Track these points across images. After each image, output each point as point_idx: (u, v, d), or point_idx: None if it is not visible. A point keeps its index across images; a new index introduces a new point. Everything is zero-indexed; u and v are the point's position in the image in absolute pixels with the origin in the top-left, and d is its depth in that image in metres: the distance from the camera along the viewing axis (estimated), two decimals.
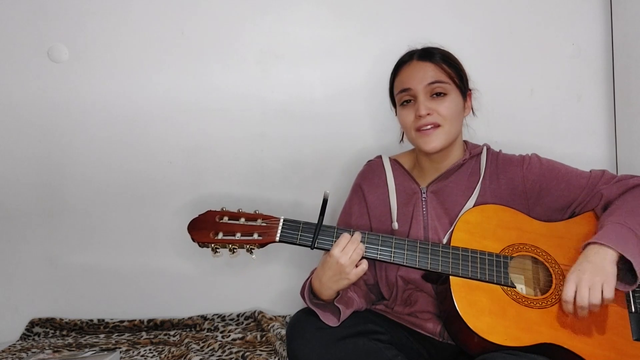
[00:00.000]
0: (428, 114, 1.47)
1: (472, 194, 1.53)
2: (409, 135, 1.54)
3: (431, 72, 1.49)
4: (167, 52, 2.03)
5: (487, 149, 1.61)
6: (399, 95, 1.54)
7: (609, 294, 1.28)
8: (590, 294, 1.28)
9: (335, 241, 1.38)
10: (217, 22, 2.04)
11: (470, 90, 1.58)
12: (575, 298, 1.30)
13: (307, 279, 1.51)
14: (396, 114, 1.61)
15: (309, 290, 1.45)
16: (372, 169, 1.66)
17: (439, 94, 1.48)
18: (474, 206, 1.51)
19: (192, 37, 2.04)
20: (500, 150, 1.61)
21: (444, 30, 2.05)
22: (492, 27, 2.07)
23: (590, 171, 1.54)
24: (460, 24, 2.07)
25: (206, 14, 2.04)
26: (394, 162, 1.65)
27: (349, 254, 1.35)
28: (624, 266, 1.34)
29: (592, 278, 1.29)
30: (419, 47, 1.58)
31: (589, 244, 1.36)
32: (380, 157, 1.68)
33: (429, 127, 1.48)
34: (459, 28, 2.06)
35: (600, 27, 2.08)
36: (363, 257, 1.38)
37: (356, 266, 1.36)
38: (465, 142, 1.63)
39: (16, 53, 1.99)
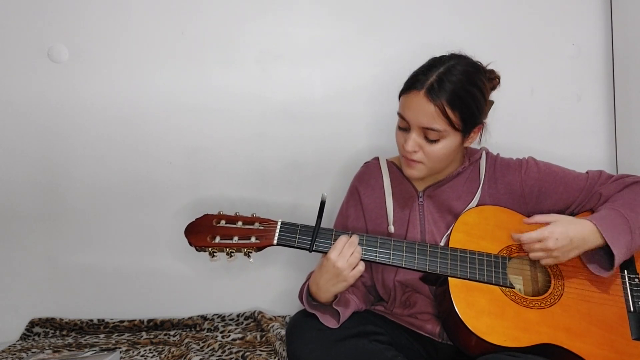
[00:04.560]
0: (414, 151, 1.44)
1: (472, 199, 1.53)
2: (399, 153, 1.53)
3: (429, 117, 1.38)
4: (167, 52, 2.03)
5: (486, 154, 1.61)
6: (398, 117, 1.47)
7: (547, 265, 1.41)
8: (543, 253, 1.37)
9: (333, 244, 1.39)
10: (217, 22, 2.04)
11: (482, 124, 1.50)
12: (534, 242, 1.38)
13: (305, 282, 1.51)
14: None
15: (306, 294, 1.45)
16: (369, 171, 1.66)
17: (431, 140, 1.42)
18: None
19: (192, 37, 2.04)
20: (498, 154, 1.61)
21: (444, 30, 2.06)
22: (492, 27, 2.07)
23: (587, 172, 1.55)
24: (460, 24, 2.07)
25: (206, 14, 2.03)
26: (391, 164, 1.65)
27: (346, 257, 1.35)
28: (606, 252, 1.38)
29: (562, 250, 1.36)
30: (445, 54, 1.48)
31: (590, 221, 1.38)
32: (377, 158, 1.67)
33: (412, 160, 1.46)
34: (459, 28, 2.06)
35: (600, 27, 2.08)
36: (361, 260, 1.38)
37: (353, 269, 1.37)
38: (464, 148, 1.59)
39: (16, 53, 1.99)
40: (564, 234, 1.35)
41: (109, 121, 2.03)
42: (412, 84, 1.42)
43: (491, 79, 1.51)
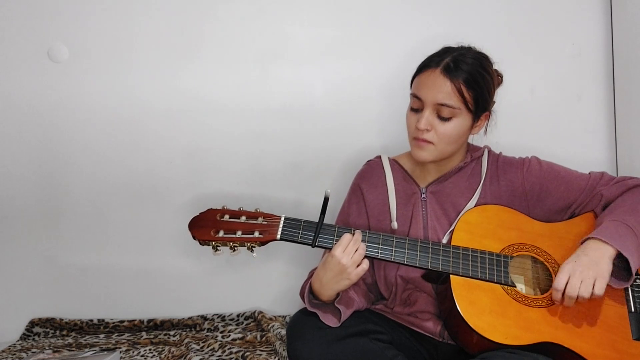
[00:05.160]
0: (427, 130, 1.45)
1: (472, 195, 1.54)
2: (408, 138, 1.53)
3: (445, 93, 1.42)
4: (167, 52, 2.03)
5: (488, 152, 1.61)
6: (411, 98, 1.50)
7: (600, 290, 1.30)
8: (581, 287, 1.30)
9: (336, 240, 1.39)
10: (217, 22, 2.04)
11: (489, 111, 1.53)
12: (565, 288, 1.31)
13: (306, 280, 1.51)
14: None
15: (308, 292, 1.45)
16: (371, 169, 1.66)
17: (444, 118, 1.44)
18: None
19: (192, 37, 2.04)
20: (500, 153, 1.62)
21: (444, 30, 2.06)
22: (492, 27, 2.07)
23: (590, 173, 1.55)
24: (460, 23, 2.07)
25: (206, 14, 2.04)
26: (393, 162, 1.65)
27: (350, 255, 1.35)
28: (619, 263, 1.36)
29: (586, 272, 1.31)
30: (455, 45, 1.51)
31: (588, 238, 1.37)
32: (379, 157, 1.67)
33: (423, 141, 1.47)
34: (459, 28, 2.06)
35: (600, 27, 2.08)
36: (364, 257, 1.38)
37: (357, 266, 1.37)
38: (467, 144, 1.62)
39: (16, 53, 1.99)
40: (578, 257, 1.34)
41: (109, 121, 2.03)
42: (427, 64, 1.47)
43: (496, 76, 1.55)
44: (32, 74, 2.00)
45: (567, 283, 1.31)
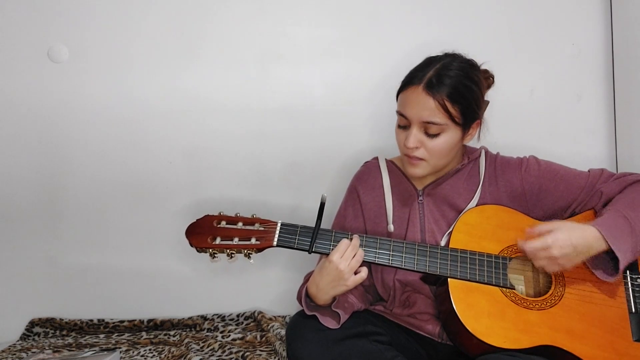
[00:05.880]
0: (416, 147, 1.43)
1: (472, 197, 1.53)
2: (400, 153, 1.53)
3: (429, 110, 1.39)
4: (167, 52, 2.03)
5: (485, 153, 1.60)
6: (398, 115, 1.47)
7: (554, 269, 1.35)
8: (547, 261, 1.33)
9: (333, 245, 1.38)
10: (217, 22, 2.04)
11: (479, 119, 1.50)
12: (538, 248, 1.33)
13: (303, 284, 1.51)
14: None
15: (305, 296, 1.45)
16: (368, 170, 1.65)
17: (431, 134, 1.42)
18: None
19: (192, 37, 2.04)
20: (497, 153, 1.61)
21: (444, 30, 2.06)
22: (492, 27, 2.07)
23: (589, 171, 1.54)
24: (460, 24, 2.07)
25: (206, 14, 2.03)
26: (391, 163, 1.64)
27: (348, 261, 1.35)
28: (610, 257, 1.36)
29: (568, 255, 1.32)
30: (440, 54, 1.49)
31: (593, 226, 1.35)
32: (376, 158, 1.67)
33: (414, 158, 1.46)
34: (459, 28, 2.06)
35: (600, 27, 2.08)
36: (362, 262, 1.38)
37: (355, 273, 1.36)
38: (463, 146, 1.59)
39: (16, 53, 1.99)
40: (568, 241, 1.32)
41: (109, 121, 2.03)
42: (409, 80, 1.43)
43: (486, 78, 1.52)
44: (32, 74, 2.00)
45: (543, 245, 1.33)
